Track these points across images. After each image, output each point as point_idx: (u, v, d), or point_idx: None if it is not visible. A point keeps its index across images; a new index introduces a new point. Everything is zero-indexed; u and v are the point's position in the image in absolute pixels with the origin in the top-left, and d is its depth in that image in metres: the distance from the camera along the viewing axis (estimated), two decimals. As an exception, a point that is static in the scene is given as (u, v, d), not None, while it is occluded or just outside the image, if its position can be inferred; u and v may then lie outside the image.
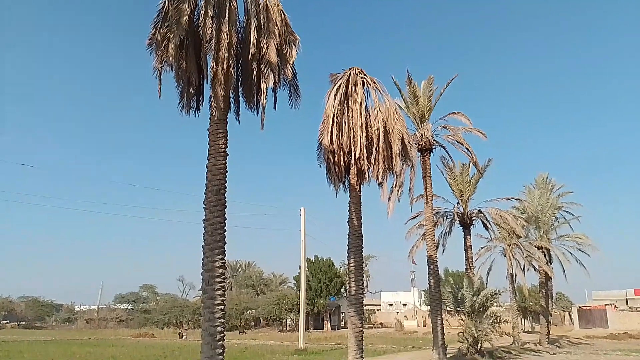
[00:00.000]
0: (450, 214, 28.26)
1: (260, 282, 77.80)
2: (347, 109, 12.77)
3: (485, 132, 21.26)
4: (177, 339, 42.25)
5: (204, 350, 8.61)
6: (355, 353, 12.43)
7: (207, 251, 8.99)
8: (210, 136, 9.52)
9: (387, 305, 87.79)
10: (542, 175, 38.51)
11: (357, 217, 13.33)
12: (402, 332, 55.36)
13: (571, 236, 37.08)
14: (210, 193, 9.23)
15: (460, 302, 22.37)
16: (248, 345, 32.94)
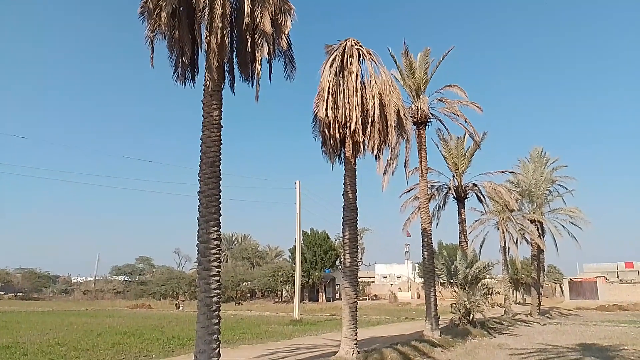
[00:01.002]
0: (444, 188, 28.39)
1: (255, 254, 78.38)
2: (343, 81, 12.63)
3: (480, 106, 21.16)
4: (173, 310, 42.77)
5: (200, 320, 8.71)
6: (349, 324, 12.61)
7: (202, 223, 9.00)
8: (204, 107, 9.42)
9: (381, 278, 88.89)
10: (537, 149, 38.62)
11: (352, 190, 13.34)
12: (396, 303, 56.25)
13: (564, 210, 37.46)
14: (204, 165, 9.20)
15: (453, 274, 22.68)
16: (244, 316, 33.43)
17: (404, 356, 13.43)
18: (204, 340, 8.58)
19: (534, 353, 15.35)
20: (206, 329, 8.63)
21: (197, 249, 9.06)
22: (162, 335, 19.03)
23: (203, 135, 9.40)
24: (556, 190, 38.95)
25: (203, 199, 9.12)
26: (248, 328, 22.94)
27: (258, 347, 16.10)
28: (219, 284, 8.98)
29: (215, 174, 9.23)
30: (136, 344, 16.59)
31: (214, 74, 9.10)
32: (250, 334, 20.20)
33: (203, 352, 8.49)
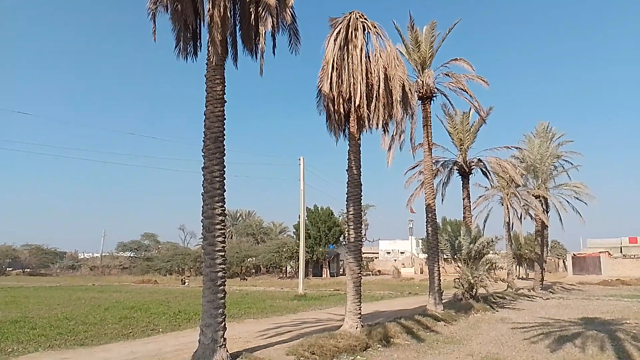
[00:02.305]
0: (449, 163, 28.30)
1: (260, 230, 78.90)
2: (347, 54, 12.43)
3: (487, 80, 20.90)
4: (179, 285, 43.24)
5: (205, 295, 8.78)
6: (354, 298, 12.70)
7: (207, 199, 9.00)
8: (207, 82, 9.31)
9: (385, 253, 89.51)
10: (543, 124, 38.28)
11: (356, 166, 13.28)
12: (400, 279, 56.68)
13: (569, 185, 37.35)
14: (208, 140, 9.14)
15: (457, 250, 22.75)
16: (249, 291, 33.79)
17: (407, 330, 13.57)
18: (210, 314, 8.66)
19: (536, 327, 15.48)
20: (212, 303, 8.71)
21: (202, 224, 9.08)
22: (169, 310, 19.28)
23: (207, 111, 9.32)
24: (561, 166, 38.79)
25: (207, 174, 9.09)
26: (253, 303, 23.20)
27: (263, 321, 16.29)
28: (224, 259, 9.03)
29: (219, 149, 9.18)
30: (143, 318, 16.82)
31: (217, 48, 8.97)
32: (255, 309, 20.44)
33: (209, 325, 8.58)
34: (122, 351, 10.63)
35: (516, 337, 13.49)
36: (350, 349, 10.62)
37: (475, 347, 11.89)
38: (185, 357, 9.15)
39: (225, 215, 9.36)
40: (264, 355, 9.22)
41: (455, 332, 14.44)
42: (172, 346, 11.18)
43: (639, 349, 11.19)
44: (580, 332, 14.11)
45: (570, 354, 10.78)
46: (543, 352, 11.05)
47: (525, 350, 11.39)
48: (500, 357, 10.50)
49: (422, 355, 10.65)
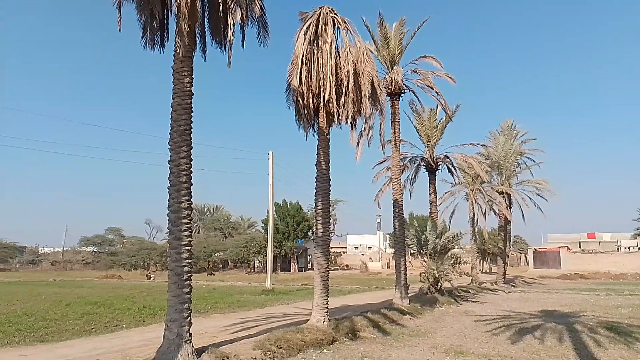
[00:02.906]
0: (417, 159, 28.63)
1: (228, 225, 78.20)
2: (317, 49, 12.42)
3: (453, 77, 21.23)
4: (144, 280, 42.53)
5: (171, 289, 8.67)
6: (321, 292, 12.76)
7: (173, 192, 8.86)
8: (174, 74, 9.14)
9: (353, 248, 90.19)
10: (508, 121, 39.27)
11: (325, 161, 13.31)
12: (367, 273, 57.25)
13: (531, 181, 38.47)
14: (175, 133, 8.98)
15: (423, 245, 23.11)
16: (216, 286, 33.50)
17: (373, 324, 13.73)
18: (176, 309, 8.55)
19: (498, 319, 15.91)
20: (177, 297, 8.60)
21: (168, 218, 8.95)
22: (133, 305, 18.94)
23: (174, 103, 9.16)
24: (524, 163, 39.92)
25: (174, 167, 8.95)
26: (220, 297, 23.02)
27: (230, 316, 16.20)
28: (190, 254, 8.92)
29: (186, 142, 9.04)
30: (106, 313, 16.47)
31: (185, 39, 8.81)
32: (223, 304, 20.29)
33: (175, 320, 8.48)
34: (84, 347, 10.40)
35: (479, 329, 13.84)
36: (317, 343, 10.68)
37: (439, 339, 12.14)
38: (150, 352, 9.02)
39: (192, 209, 9.24)
40: (230, 350, 9.17)
41: (420, 325, 14.70)
42: (136, 342, 11.00)
43: (595, 341, 11.64)
44: (539, 324, 14.57)
45: (530, 346, 11.12)
46: (504, 344, 11.37)
47: (487, 342, 11.70)
48: (463, 348, 10.74)
49: (387, 348, 10.80)
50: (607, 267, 53.36)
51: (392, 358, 9.69)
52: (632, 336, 12.17)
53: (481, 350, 10.53)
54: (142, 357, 9.02)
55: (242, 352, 9.09)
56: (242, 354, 8.98)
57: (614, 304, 21.39)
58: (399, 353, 10.25)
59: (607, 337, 12.07)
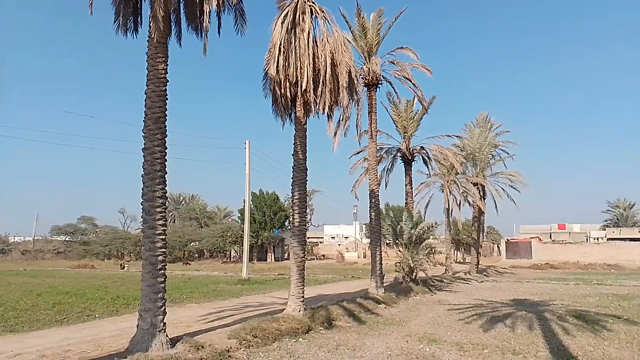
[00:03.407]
0: (393, 150, 28.81)
1: (204, 214, 77.68)
2: (295, 38, 12.32)
3: (430, 69, 21.37)
4: (118, 270, 41.96)
5: (145, 279, 8.57)
6: (297, 282, 12.79)
7: (147, 181, 8.73)
8: (149, 60, 8.95)
9: (330, 238, 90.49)
10: (483, 114, 39.80)
11: (302, 150, 13.28)
12: (343, 263, 57.60)
13: (505, 173, 39.16)
14: (149, 121, 8.82)
15: (399, 235, 23.33)
16: (191, 275, 33.27)
17: (349, 312, 13.85)
18: (150, 299, 8.47)
19: (471, 308, 16.22)
20: (151, 287, 8.52)
21: (142, 207, 8.82)
22: (106, 295, 18.69)
23: (148, 90, 9.00)
24: (498, 155, 40.58)
25: (148, 156, 8.81)
26: (195, 287, 22.88)
27: (205, 306, 16.12)
28: (165, 243, 8.82)
29: (160, 130, 8.90)
30: (78, 303, 16.21)
31: (160, 24, 8.63)
32: (198, 293, 20.18)
33: (148, 310, 8.40)
34: (55, 337, 10.23)
35: (452, 318, 14.08)
36: (292, 332, 10.72)
37: (413, 327, 12.32)
38: (123, 342, 8.93)
39: (167, 198, 9.13)
40: (205, 339, 9.14)
41: (395, 314, 14.88)
42: (109, 331, 10.87)
43: (564, 329, 11.97)
44: (511, 312, 14.90)
45: (501, 333, 11.37)
46: (476, 332, 11.60)
47: (460, 330, 11.92)
48: (436, 337, 10.92)
49: (362, 337, 10.91)
50: (576, 258, 54.86)
51: (366, 346, 9.79)
52: (599, 324, 12.54)
53: (454, 338, 10.72)
54: (115, 347, 8.93)
55: (217, 341, 9.07)
56: (217, 343, 8.97)
57: (582, 293, 22.01)
58: (373, 341, 10.37)
59: (575, 325, 12.42)
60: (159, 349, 8.12)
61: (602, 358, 8.74)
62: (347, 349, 9.52)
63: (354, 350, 9.36)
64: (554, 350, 9.46)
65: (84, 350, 8.84)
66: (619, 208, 78.61)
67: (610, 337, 10.79)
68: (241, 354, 8.82)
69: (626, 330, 11.67)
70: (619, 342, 10.24)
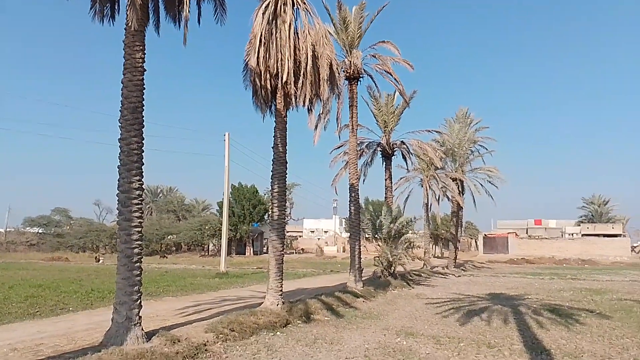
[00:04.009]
0: (373, 145, 28.85)
1: (182, 207, 76.92)
2: (276, 29, 12.18)
3: (412, 64, 21.42)
4: (93, 263, 41.31)
5: (120, 272, 8.40)
6: (275, 275, 12.72)
7: (124, 172, 8.54)
8: (126, 49, 8.72)
9: (309, 232, 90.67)
10: (463, 109, 40.10)
11: (282, 143, 13.17)
12: (322, 257, 57.75)
13: (483, 169, 39.64)
14: (126, 111, 8.61)
15: (378, 229, 23.44)
16: (169, 269, 32.93)
17: (327, 306, 13.85)
18: (125, 292, 8.31)
19: (448, 302, 16.38)
20: (127, 280, 8.35)
21: (118, 198, 8.63)
22: (81, 288, 18.36)
23: (124, 79, 8.78)
24: (477, 150, 41.02)
25: (124, 146, 8.62)
26: (172, 281, 22.64)
27: (182, 299, 15.95)
28: (141, 235, 8.66)
29: (137, 120, 8.71)
30: (52, 296, 15.87)
31: (137, 12, 8.42)
32: (175, 287, 19.97)
33: (123, 303, 8.24)
34: (28, 331, 9.99)
35: (429, 311, 14.20)
36: (270, 326, 10.67)
37: (391, 321, 12.38)
38: (97, 336, 8.76)
39: (143, 189, 8.95)
40: (182, 333, 9.03)
41: (373, 308, 14.94)
42: (83, 325, 10.66)
43: (538, 322, 12.16)
44: (487, 306, 15.09)
45: (477, 327, 11.50)
46: (453, 326, 11.71)
47: (437, 323, 12.02)
48: (413, 330, 10.99)
49: (340, 330, 10.92)
50: (551, 253, 55.96)
51: (344, 340, 9.79)
52: (573, 318, 12.78)
53: (431, 332, 10.80)
54: (90, 340, 8.76)
55: (194, 335, 8.97)
56: (193, 336, 8.86)
57: (556, 287, 22.43)
58: (351, 335, 10.38)
59: (549, 319, 12.63)
60: (134, 343, 7.98)
61: (575, 351, 8.89)
62: (325, 342, 9.51)
63: (331, 344, 9.36)
64: (528, 343, 9.60)
65: (57, 343, 8.65)
66: (593, 205, 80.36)
67: (583, 331, 11.00)
68: (218, 347, 8.74)
69: (598, 324, 11.90)
70: (591, 336, 10.43)
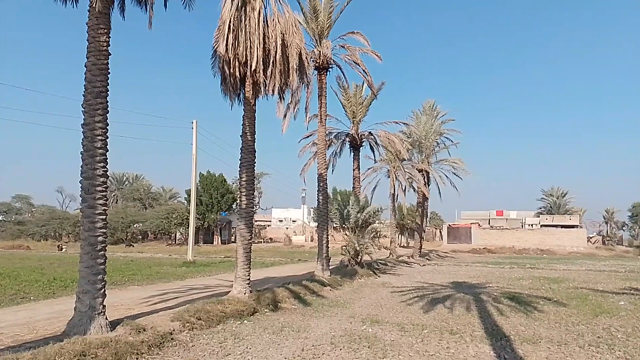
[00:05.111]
0: (342, 135, 28.96)
1: (148, 195, 75.64)
2: (245, 16, 12.03)
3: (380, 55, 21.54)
4: (55, 251, 40.31)
5: (83, 260, 8.24)
6: (243, 264, 12.71)
7: (87, 158, 8.34)
8: (89, 31, 8.47)
9: (278, 221, 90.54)
10: (430, 101, 40.65)
11: (250, 132, 13.10)
12: (291, 246, 57.90)
13: (448, 160, 40.37)
14: (89, 95, 8.39)
15: (345, 219, 23.65)
16: (134, 257, 32.46)
17: (295, 295, 13.95)
18: (88, 281, 8.17)
19: (413, 290, 16.72)
20: (90, 268, 8.21)
21: (81, 185, 8.45)
22: (42, 277, 17.92)
23: (88, 63, 8.55)
24: (443, 142, 41.73)
25: (88, 132, 8.41)
26: (138, 269, 22.31)
27: (148, 288, 15.76)
28: (105, 223, 8.51)
29: (102, 105, 8.50)
30: (12, 285, 15.46)
31: (102, -7, 8.19)
32: (141, 275, 19.70)
33: (87, 292, 8.11)
34: (-15, 321, 9.71)
35: (395, 299, 14.47)
36: (237, 314, 10.69)
37: (357, 309, 12.57)
38: (60, 325, 8.60)
39: (108, 176, 8.78)
40: (147, 322, 8.95)
41: (340, 296, 15.13)
42: (45, 314, 10.43)
43: (498, 309, 12.56)
44: (450, 294, 15.48)
45: (440, 314, 11.80)
46: (417, 313, 11.98)
47: (402, 311, 12.27)
48: (379, 318, 11.19)
49: (307, 319, 11.03)
50: (512, 242, 57.66)
51: (311, 327, 9.90)
52: (531, 305, 13.25)
53: (395, 319, 11.03)
54: (52, 330, 8.59)
55: (160, 324, 8.90)
56: (159, 325, 8.80)
57: (516, 276, 23.17)
58: (318, 323, 10.50)
59: (509, 307, 13.06)
60: (97, 332, 7.88)
61: (533, 337, 9.23)
62: (292, 330, 9.60)
63: (298, 332, 9.45)
64: (488, 330, 9.91)
65: (17, 333, 8.45)
66: (552, 196, 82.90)
67: (541, 318, 11.42)
68: (184, 336, 8.71)
69: (555, 311, 12.38)
70: (548, 322, 10.85)
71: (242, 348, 8.09)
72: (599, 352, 8.08)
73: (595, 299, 14.68)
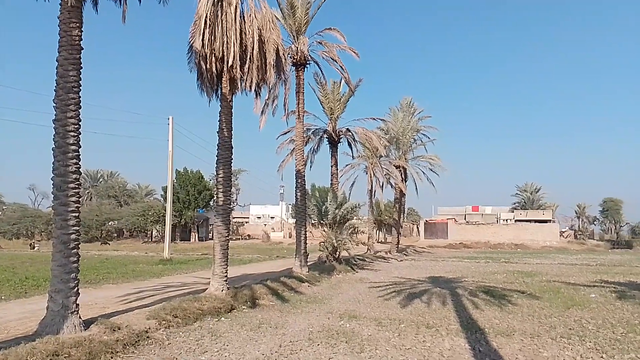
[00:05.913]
0: (320, 131, 28.97)
1: (124, 192, 74.40)
2: (221, 11, 11.91)
3: (357, 52, 21.60)
4: (28, 250, 39.42)
5: (56, 259, 8.08)
6: (220, 261, 12.63)
7: (59, 155, 8.17)
8: (61, 25, 8.28)
9: (256, 218, 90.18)
10: (407, 98, 40.94)
11: (227, 128, 13.01)
12: (269, 243, 57.76)
13: (425, 157, 40.76)
14: (61, 90, 8.21)
15: (323, 215, 23.69)
16: (110, 256, 31.93)
17: (272, 291, 13.93)
18: (61, 279, 8.02)
19: (390, 285, 16.87)
20: (63, 267, 8.06)
21: (53, 182, 8.28)
22: (14, 276, 17.50)
23: (60, 57, 8.37)
24: (420, 139, 42.11)
25: (60, 128, 8.24)
26: (113, 267, 21.99)
27: (124, 286, 15.53)
28: (78, 220, 8.36)
29: (74, 100, 8.34)
30: (-19, 286, 15.08)
31: (74, -13, 8.03)
32: (116, 274, 19.41)
33: (59, 291, 7.96)
34: (-46, 322, 9.45)
35: (372, 295, 14.58)
36: (214, 311, 10.63)
37: (335, 305, 12.63)
38: (32, 325, 8.43)
39: (81, 173, 8.63)
40: (122, 320, 8.84)
41: (318, 292, 15.17)
42: (16, 314, 10.21)
43: (474, 303, 12.77)
44: (427, 289, 15.66)
45: (417, 309, 11.94)
46: (394, 308, 12.10)
47: (379, 306, 12.37)
48: (356, 313, 11.27)
49: (285, 315, 11.03)
50: (487, 238, 58.58)
51: (289, 324, 9.91)
52: (505, 299, 13.51)
53: (373, 314, 11.12)
54: (23, 329, 8.42)
55: (135, 322, 8.80)
56: (135, 324, 8.70)
57: (491, 270, 23.57)
58: (296, 319, 10.52)
59: (484, 300, 13.29)
60: (71, 331, 7.76)
61: (507, 330, 9.42)
62: (270, 327, 9.60)
63: (276, 328, 9.45)
64: (464, 323, 10.08)
65: (-13, 334, 8.26)
66: (526, 192, 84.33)
67: (515, 311, 11.66)
68: (160, 334, 8.63)
69: (528, 305, 12.64)
70: (522, 315, 11.08)
71: (219, 345, 8.05)
72: (570, 344, 8.29)
73: (567, 292, 15.04)
